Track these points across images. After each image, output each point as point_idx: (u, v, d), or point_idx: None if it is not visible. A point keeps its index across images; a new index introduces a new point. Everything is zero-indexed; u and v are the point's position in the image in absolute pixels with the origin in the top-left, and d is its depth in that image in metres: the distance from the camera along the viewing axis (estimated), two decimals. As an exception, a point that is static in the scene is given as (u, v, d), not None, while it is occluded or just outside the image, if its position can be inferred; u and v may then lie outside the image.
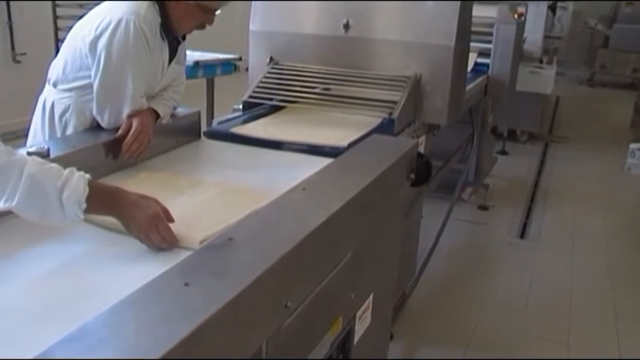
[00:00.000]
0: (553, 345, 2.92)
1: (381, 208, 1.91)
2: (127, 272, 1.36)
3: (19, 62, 5.89)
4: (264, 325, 1.21)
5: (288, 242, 1.27)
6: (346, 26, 2.77)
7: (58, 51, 2.18)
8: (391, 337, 2.67)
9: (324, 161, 2.02)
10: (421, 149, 2.63)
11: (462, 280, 3.48)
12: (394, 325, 2.80)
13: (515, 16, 4.29)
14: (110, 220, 1.48)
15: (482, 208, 4.51)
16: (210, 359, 1.01)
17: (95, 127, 2.10)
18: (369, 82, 2.68)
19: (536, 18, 5.63)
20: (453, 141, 4.08)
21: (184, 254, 1.26)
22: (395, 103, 2.50)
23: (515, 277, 3.56)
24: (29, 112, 2.25)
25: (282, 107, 2.72)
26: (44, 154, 1.76)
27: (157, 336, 0.94)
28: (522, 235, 4.19)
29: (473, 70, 4.11)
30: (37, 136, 2.18)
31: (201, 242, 1.43)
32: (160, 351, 0.90)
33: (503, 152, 5.87)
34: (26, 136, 2.26)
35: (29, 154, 1.74)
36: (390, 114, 2.46)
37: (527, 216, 4.51)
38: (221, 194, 1.79)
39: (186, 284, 1.09)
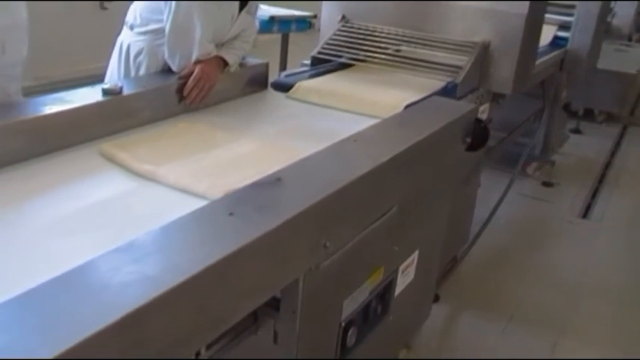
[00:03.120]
0: (600, 327, 2.89)
1: (433, 167, 1.94)
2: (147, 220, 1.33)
3: (106, 9, 6.12)
4: (301, 260, 1.29)
5: (330, 186, 1.33)
6: (419, -12, 2.78)
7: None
8: (437, 298, 2.72)
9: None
10: (483, 116, 2.63)
11: (515, 253, 3.46)
12: (441, 288, 2.85)
13: (603, -13, 4.13)
14: (142, 168, 1.58)
15: (547, 184, 4.44)
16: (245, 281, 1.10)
17: (167, 70, 2.20)
18: (437, 46, 2.68)
19: (628, -9, 5.39)
20: (521, 113, 4.02)
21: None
22: (460, 68, 2.51)
23: (572, 256, 3.51)
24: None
25: (350, 65, 2.76)
26: (117, 92, 1.89)
27: (197, 255, 1.03)
28: (585, 215, 4.11)
29: (551, 43, 4.01)
30: (114, 75, 2.31)
31: (226, 194, 1.39)
32: (198, 268, 0.99)
33: (577, 131, 5.71)
34: (106, 76, 2.40)
35: (104, 90, 1.87)
36: (455, 78, 2.47)
37: (593, 197, 4.40)
38: (256, 150, 1.79)
39: (231, 214, 1.17)
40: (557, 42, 4.08)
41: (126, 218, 1.38)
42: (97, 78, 2.28)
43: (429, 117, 1.95)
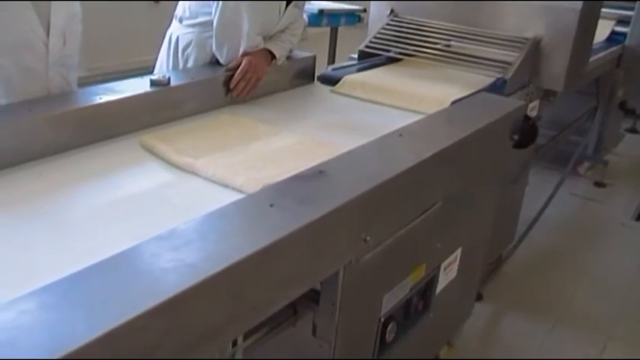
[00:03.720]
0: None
1: (479, 164, 1.91)
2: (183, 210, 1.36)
3: (158, 2, 6.22)
4: (341, 253, 1.29)
5: (374, 179, 1.33)
6: (470, -18, 2.73)
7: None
8: (480, 297, 2.69)
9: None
10: (533, 114, 2.57)
11: (564, 254, 3.38)
12: (485, 287, 2.81)
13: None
14: (181, 160, 1.59)
15: (599, 185, 4.32)
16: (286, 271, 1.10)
17: (214, 62, 2.22)
18: (487, 41, 2.64)
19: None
20: (574, 111, 3.92)
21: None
22: (509, 64, 2.46)
23: (624, 259, 3.41)
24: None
25: (398, 60, 2.73)
26: (165, 83, 1.92)
27: (237, 244, 1.04)
28: (639, 218, 3.98)
29: (608, 39, 3.89)
30: (163, 67, 2.35)
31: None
32: (236, 257, 0.99)
33: (634, 130, 5.52)
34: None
35: (152, 81, 1.90)
36: (504, 74, 2.42)
37: (649, 199, 4.27)
38: (297, 144, 1.77)
39: (272, 205, 1.18)
40: (614, 38, 3.95)
41: (163, 210, 1.38)
42: (149, 70, 2.33)
43: (476, 113, 1.93)
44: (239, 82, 2.08)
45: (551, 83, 2.62)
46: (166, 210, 1.39)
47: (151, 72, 2.19)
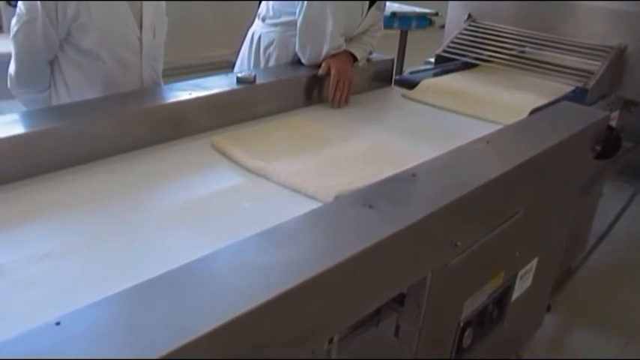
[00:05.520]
0: None
1: (560, 174, 1.89)
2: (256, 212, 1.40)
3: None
4: (434, 257, 1.30)
5: (466, 185, 1.33)
6: (551, -11, 2.70)
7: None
8: (549, 308, 2.64)
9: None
10: (612, 124, 2.52)
11: (634, 268, 3.31)
12: (553, 298, 2.76)
13: None
14: (253, 164, 1.59)
15: (671, 199, 4.20)
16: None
17: (296, 61, 2.26)
18: (566, 49, 2.60)
19: None
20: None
21: (316, 204, 1.31)
22: (591, 73, 2.41)
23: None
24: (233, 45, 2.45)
25: (474, 65, 2.72)
26: (251, 80, 1.96)
27: (341, 243, 1.06)
28: None
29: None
30: (244, 64, 2.40)
31: (336, 197, 1.40)
32: (343, 256, 1.02)
33: None
34: (232, 66, 2.50)
35: (238, 79, 1.95)
36: (585, 84, 2.38)
37: None
38: (368, 151, 1.76)
39: (370, 207, 1.20)
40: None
41: (235, 215, 1.38)
42: (212, 66, 2.38)
43: (559, 122, 1.90)
44: (335, 93, 2.11)
45: (634, 94, 2.56)
46: (238, 215, 1.39)
47: (231, 68, 2.23)
